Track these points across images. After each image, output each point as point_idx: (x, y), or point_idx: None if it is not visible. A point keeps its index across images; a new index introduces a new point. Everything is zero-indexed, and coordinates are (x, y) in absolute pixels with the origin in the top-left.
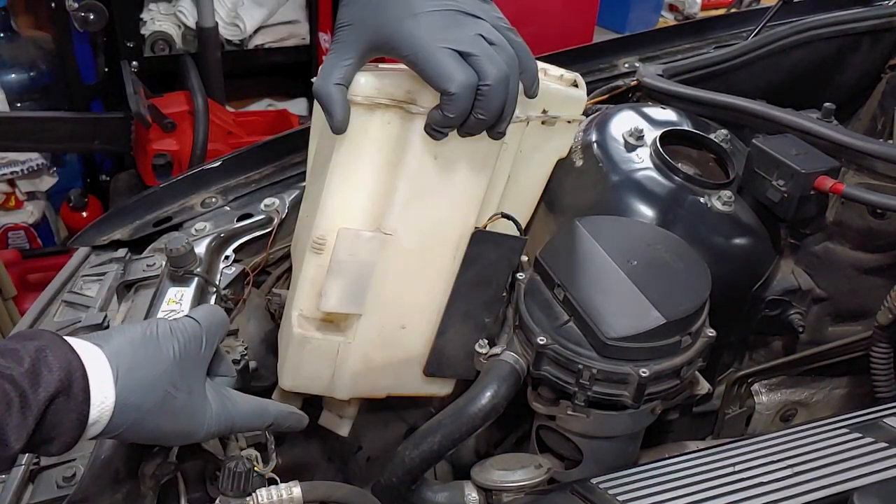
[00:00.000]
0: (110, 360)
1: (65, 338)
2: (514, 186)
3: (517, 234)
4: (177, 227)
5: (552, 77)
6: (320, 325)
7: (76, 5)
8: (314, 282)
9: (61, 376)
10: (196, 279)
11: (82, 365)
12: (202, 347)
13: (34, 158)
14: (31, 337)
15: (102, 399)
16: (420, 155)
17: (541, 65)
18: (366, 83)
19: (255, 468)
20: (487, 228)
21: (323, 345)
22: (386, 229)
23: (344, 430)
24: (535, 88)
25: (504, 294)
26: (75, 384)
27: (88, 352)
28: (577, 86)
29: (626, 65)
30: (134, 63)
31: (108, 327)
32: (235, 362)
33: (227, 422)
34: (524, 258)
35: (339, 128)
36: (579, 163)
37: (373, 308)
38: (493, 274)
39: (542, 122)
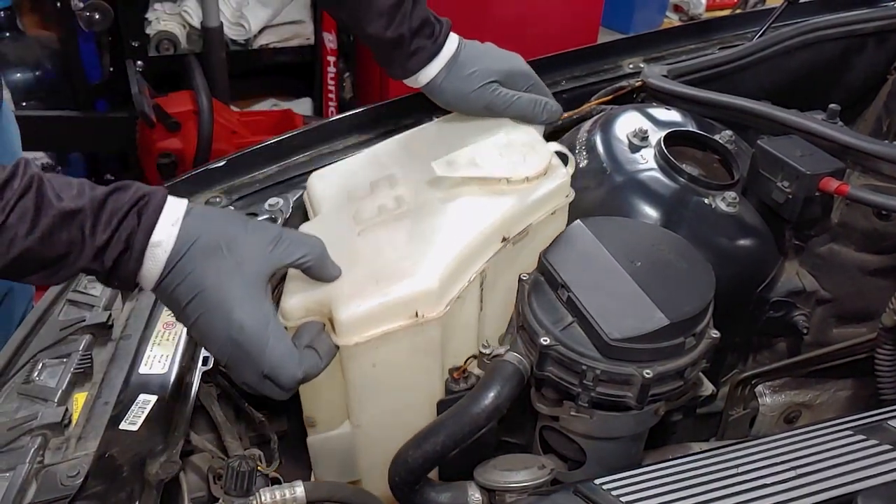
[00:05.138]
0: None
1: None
2: (491, 305)
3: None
4: None
5: (531, 182)
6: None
7: (81, 5)
8: (316, 457)
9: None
10: None
11: (161, 192)
12: (273, 247)
13: (38, 158)
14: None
15: (175, 216)
16: (357, 366)
17: (516, 172)
18: (291, 307)
19: (259, 468)
20: (466, 368)
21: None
22: (353, 422)
23: None
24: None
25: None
26: (152, 197)
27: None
28: (563, 160)
29: (631, 65)
30: (139, 63)
31: (111, 327)
32: None
33: (279, 332)
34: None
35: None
36: (583, 163)
37: (368, 469)
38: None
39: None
